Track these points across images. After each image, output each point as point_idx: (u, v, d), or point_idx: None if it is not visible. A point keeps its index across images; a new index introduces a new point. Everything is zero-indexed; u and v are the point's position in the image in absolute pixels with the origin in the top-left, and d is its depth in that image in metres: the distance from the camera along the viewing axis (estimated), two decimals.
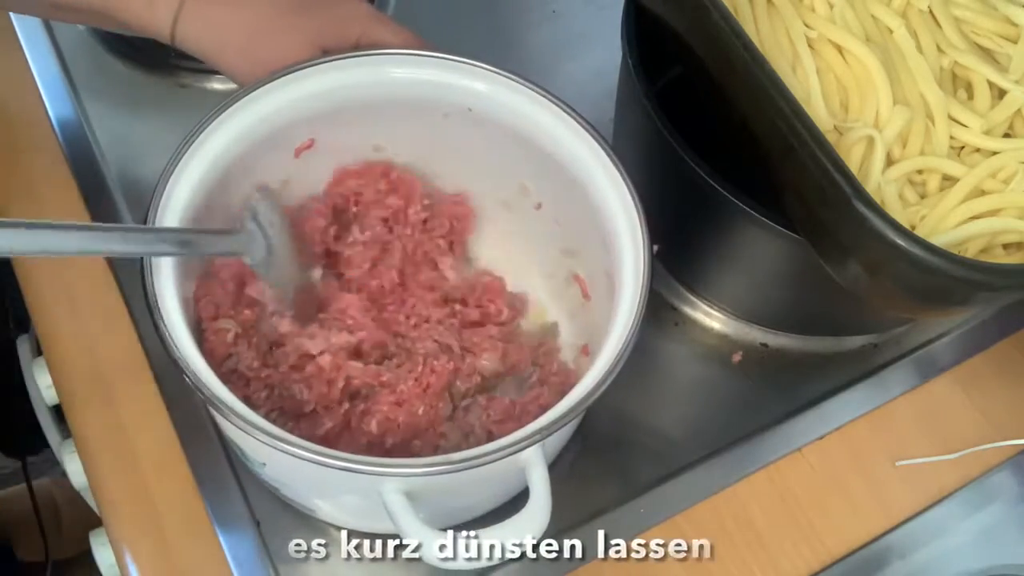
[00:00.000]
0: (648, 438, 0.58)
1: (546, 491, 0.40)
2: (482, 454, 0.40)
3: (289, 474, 0.47)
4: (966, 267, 0.41)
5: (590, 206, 0.49)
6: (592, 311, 0.53)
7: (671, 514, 0.55)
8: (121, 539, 0.52)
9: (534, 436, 0.40)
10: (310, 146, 0.52)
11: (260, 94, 0.48)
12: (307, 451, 0.39)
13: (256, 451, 0.45)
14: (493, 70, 0.50)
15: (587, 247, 0.52)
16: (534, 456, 0.41)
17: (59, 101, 0.66)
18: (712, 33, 0.46)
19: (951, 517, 0.56)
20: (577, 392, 0.42)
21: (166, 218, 0.45)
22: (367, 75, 0.50)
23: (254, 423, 0.40)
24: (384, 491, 0.40)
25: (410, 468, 0.40)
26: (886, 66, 0.49)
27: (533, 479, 0.41)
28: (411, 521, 0.39)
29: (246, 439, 0.43)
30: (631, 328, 0.43)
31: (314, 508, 0.50)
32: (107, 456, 0.54)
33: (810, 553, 0.55)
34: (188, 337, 0.42)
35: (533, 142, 0.50)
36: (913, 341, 0.63)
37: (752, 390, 0.60)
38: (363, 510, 0.49)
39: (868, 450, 0.58)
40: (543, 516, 0.40)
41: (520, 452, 0.40)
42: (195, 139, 0.46)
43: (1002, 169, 0.48)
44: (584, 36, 0.75)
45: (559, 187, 0.51)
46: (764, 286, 0.59)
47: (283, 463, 0.45)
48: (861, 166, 0.48)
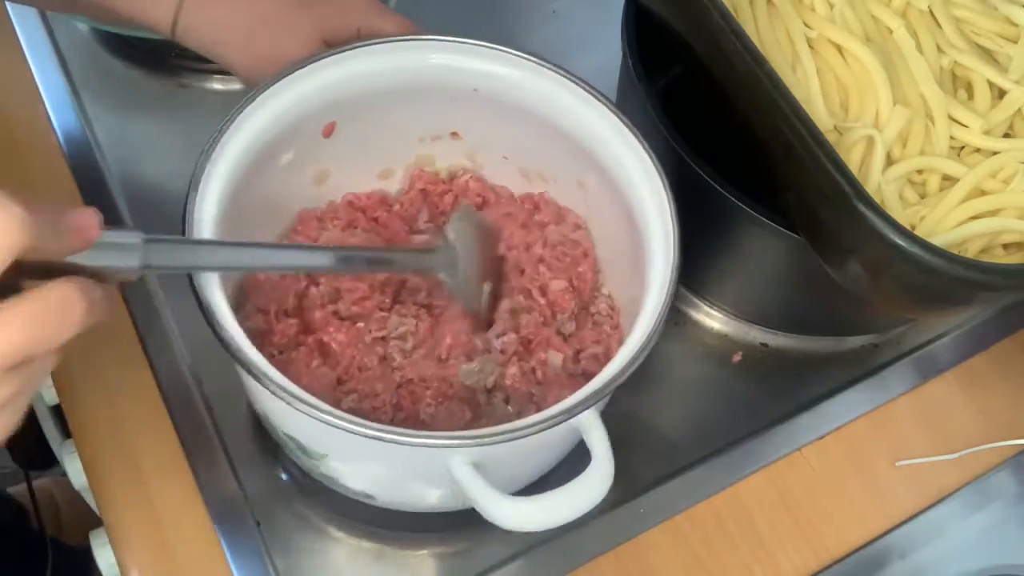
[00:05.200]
0: (648, 438, 0.58)
1: (607, 450, 0.42)
2: (544, 419, 0.41)
3: (352, 461, 0.47)
4: (966, 267, 0.41)
5: (618, 185, 0.50)
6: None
7: (671, 514, 0.55)
8: (121, 539, 0.52)
9: (590, 398, 0.42)
10: (332, 130, 0.53)
11: (274, 91, 0.48)
12: (377, 431, 0.39)
13: (317, 442, 0.46)
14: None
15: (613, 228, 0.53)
16: (591, 418, 0.43)
17: (59, 101, 0.66)
18: (712, 33, 0.46)
19: (951, 517, 0.56)
20: (625, 353, 0.43)
21: (203, 217, 0.44)
22: (404, 60, 0.51)
23: (326, 411, 0.40)
24: (453, 465, 0.41)
25: (478, 438, 0.40)
26: (886, 66, 0.50)
27: (593, 440, 0.42)
28: (484, 489, 0.41)
29: (308, 431, 0.44)
30: (671, 274, 0.45)
31: (373, 495, 0.50)
32: (107, 456, 0.54)
33: (810, 553, 0.55)
34: (243, 334, 0.42)
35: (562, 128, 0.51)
36: (913, 341, 0.63)
37: (752, 390, 0.60)
38: (423, 492, 0.49)
39: (868, 450, 0.58)
40: (608, 473, 0.41)
41: (578, 415, 0.42)
42: (217, 143, 0.46)
43: (1002, 169, 0.48)
44: (584, 36, 0.75)
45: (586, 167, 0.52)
46: (764, 286, 0.59)
47: (347, 450, 0.46)
48: (861, 166, 0.48)
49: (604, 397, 0.42)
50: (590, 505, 0.41)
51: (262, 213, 0.52)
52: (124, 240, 0.37)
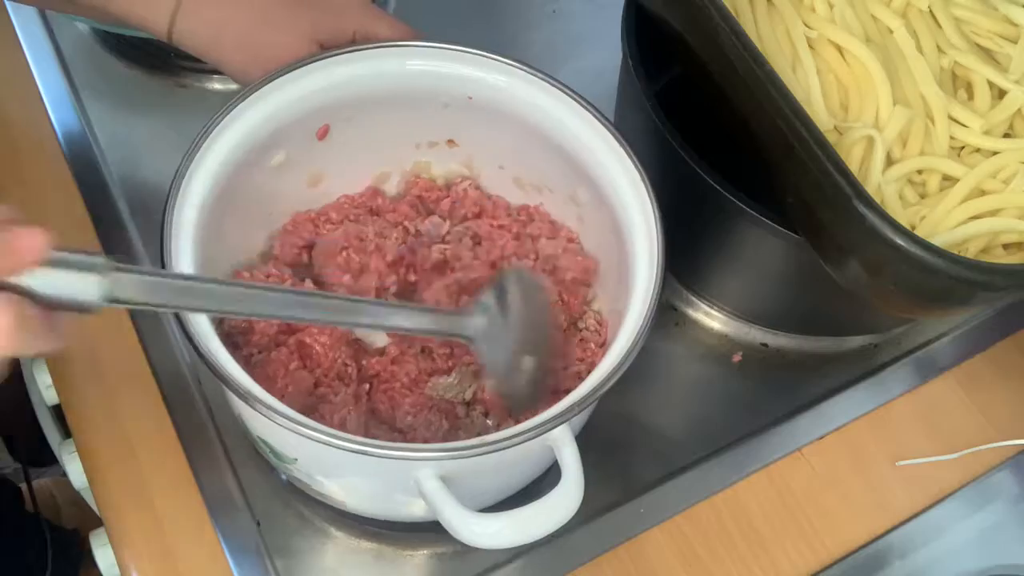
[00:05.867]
0: (648, 438, 0.58)
1: (578, 467, 0.41)
2: (515, 434, 0.40)
3: (321, 468, 0.47)
4: (966, 267, 0.41)
5: (606, 196, 0.49)
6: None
7: (671, 514, 0.55)
8: (121, 539, 0.52)
9: (563, 415, 0.41)
10: (325, 132, 0.52)
11: (266, 92, 0.48)
12: (343, 440, 0.39)
13: (287, 447, 0.46)
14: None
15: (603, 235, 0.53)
16: (563, 435, 0.42)
17: (59, 101, 0.66)
18: (712, 33, 0.46)
19: (951, 517, 0.56)
20: (602, 370, 0.43)
21: (182, 219, 0.44)
22: (381, 67, 0.50)
23: (289, 416, 0.40)
24: (420, 477, 0.41)
25: (445, 452, 0.40)
26: (886, 66, 0.49)
27: (564, 456, 0.41)
28: (450, 504, 0.40)
29: (278, 435, 0.44)
30: (652, 292, 0.44)
31: (344, 501, 0.50)
32: (107, 456, 0.54)
33: (810, 553, 0.55)
34: (212, 332, 0.42)
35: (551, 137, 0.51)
36: (913, 341, 0.63)
37: (752, 390, 0.60)
38: (394, 500, 0.49)
39: (868, 450, 0.58)
40: (577, 492, 0.41)
41: (550, 431, 0.41)
42: (202, 143, 0.46)
43: (1002, 169, 0.48)
44: (584, 36, 0.75)
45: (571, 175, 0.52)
46: (764, 286, 0.59)
47: (315, 457, 0.45)
48: (861, 166, 0.48)
49: (577, 414, 0.41)
50: (559, 524, 0.40)
51: (254, 212, 0.52)
52: (82, 267, 0.33)
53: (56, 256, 0.32)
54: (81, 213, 0.62)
